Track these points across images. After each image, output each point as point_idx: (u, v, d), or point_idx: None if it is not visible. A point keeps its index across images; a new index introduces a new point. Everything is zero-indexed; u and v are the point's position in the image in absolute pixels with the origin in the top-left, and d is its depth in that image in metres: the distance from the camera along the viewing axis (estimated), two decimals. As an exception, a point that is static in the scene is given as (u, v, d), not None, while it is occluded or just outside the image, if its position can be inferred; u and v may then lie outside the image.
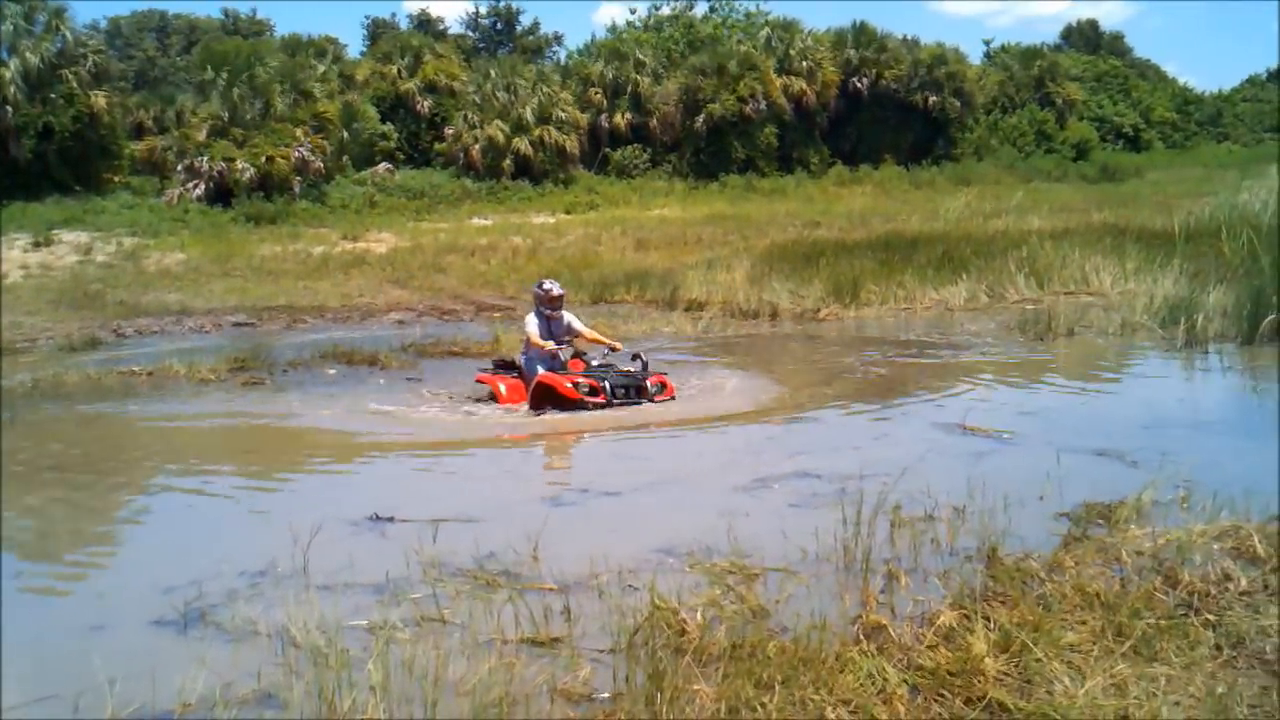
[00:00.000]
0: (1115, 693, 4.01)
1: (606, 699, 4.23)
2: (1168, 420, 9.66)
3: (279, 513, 7.61)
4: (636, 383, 11.08)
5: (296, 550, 5.91)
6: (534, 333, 11.34)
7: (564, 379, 11.04)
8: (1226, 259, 16.62)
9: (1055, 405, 10.75)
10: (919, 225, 29.61)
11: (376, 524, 6.92)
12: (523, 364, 11.62)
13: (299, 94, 43.02)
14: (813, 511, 6.85)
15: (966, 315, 17.08)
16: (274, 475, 9.01)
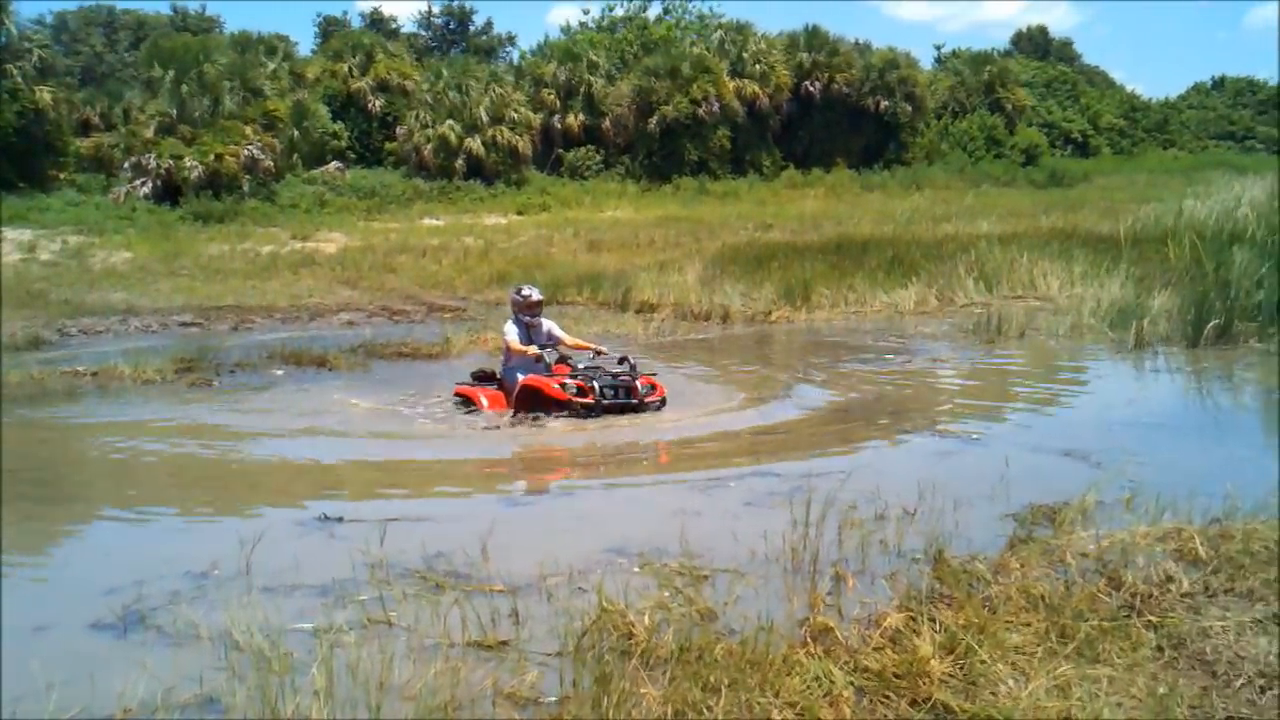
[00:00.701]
0: (1058, 694, 4.03)
1: (553, 702, 4.20)
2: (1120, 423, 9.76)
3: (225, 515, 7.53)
4: (626, 383, 10.55)
5: (241, 553, 5.83)
6: (514, 339, 10.87)
7: (550, 380, 10.59)
8: (1172, 264, 16.83)
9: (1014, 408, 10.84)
10: (870, 229, 29.78)
11: (325, 525, 6.84)
12: (503, 374, 11.16)
13: (248, 92, 42.74)
14: (766, 513, 6.85)
15: (916, 318, 17.19)
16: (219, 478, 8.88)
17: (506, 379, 11.03)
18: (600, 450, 9.29)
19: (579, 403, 10.31)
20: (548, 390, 10.46)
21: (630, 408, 10.37)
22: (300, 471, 8.93)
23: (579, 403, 10.31)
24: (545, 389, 10.49)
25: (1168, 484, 7.06)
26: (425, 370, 13.93)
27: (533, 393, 10.55)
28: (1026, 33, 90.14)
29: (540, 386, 10.54)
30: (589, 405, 10.30)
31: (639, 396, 10.46)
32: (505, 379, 11.07)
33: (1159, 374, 12.55)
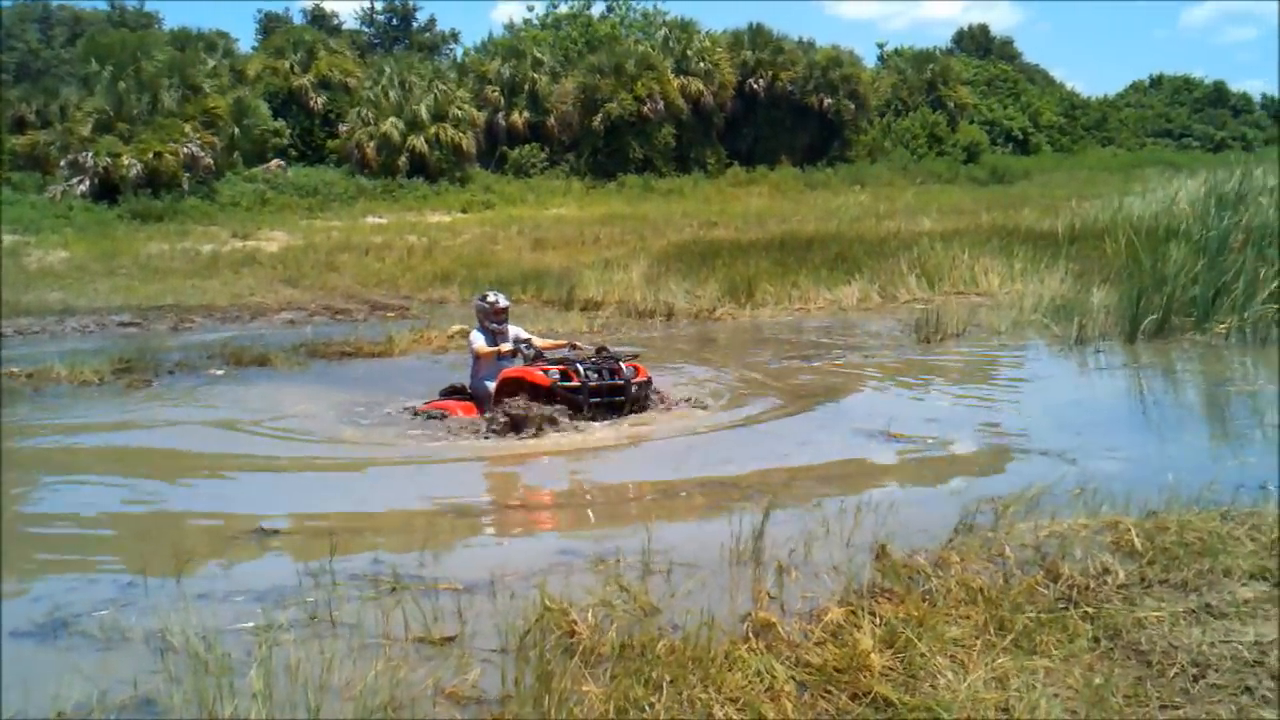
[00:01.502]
0: (996, 685, 4.06)
1: (495, 701, 4.18)
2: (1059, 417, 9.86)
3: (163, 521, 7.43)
4: (610, 366, 10.11)
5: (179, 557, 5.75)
6: (482, 345, 10.49)
7: (533, 368, 10.04)
8: (1110, 260, 17.05)
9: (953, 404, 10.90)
10: (814, 226, 29.93)
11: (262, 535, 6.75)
12: (473, 386, 10.68)
13: (188, 89, 42.26)
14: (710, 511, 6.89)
15: (859, 315, 17.30)
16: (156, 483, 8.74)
17: (478, 390, 10.57)
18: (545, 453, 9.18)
19: (564, 388, 9.83)
20: (531, 378, 9.94)
21: (617, 390, 9.99)
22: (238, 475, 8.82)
23: (564, 388, 9.83)
24: (528, 377, 9.97)
25: (1106, 477, 7.17)
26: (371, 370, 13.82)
27: (514, 383, 10.02)
28: (968, 31, 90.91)
29: (522, 375, 10.02)
30: (575, 389, 9.82)
31: (624, 378, 10.08)
32: (476, 391, 10.60)
33: (1096, 369, 12.71)
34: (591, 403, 9.83)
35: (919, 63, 68.88)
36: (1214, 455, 8.40)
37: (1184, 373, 12.26)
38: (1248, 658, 4.26)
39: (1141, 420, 9.91)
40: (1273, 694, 4.00)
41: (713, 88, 54.69)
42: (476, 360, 10.59)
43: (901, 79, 66.94)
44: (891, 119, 63.83)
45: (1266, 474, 7.26)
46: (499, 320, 10.68)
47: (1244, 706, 3.93)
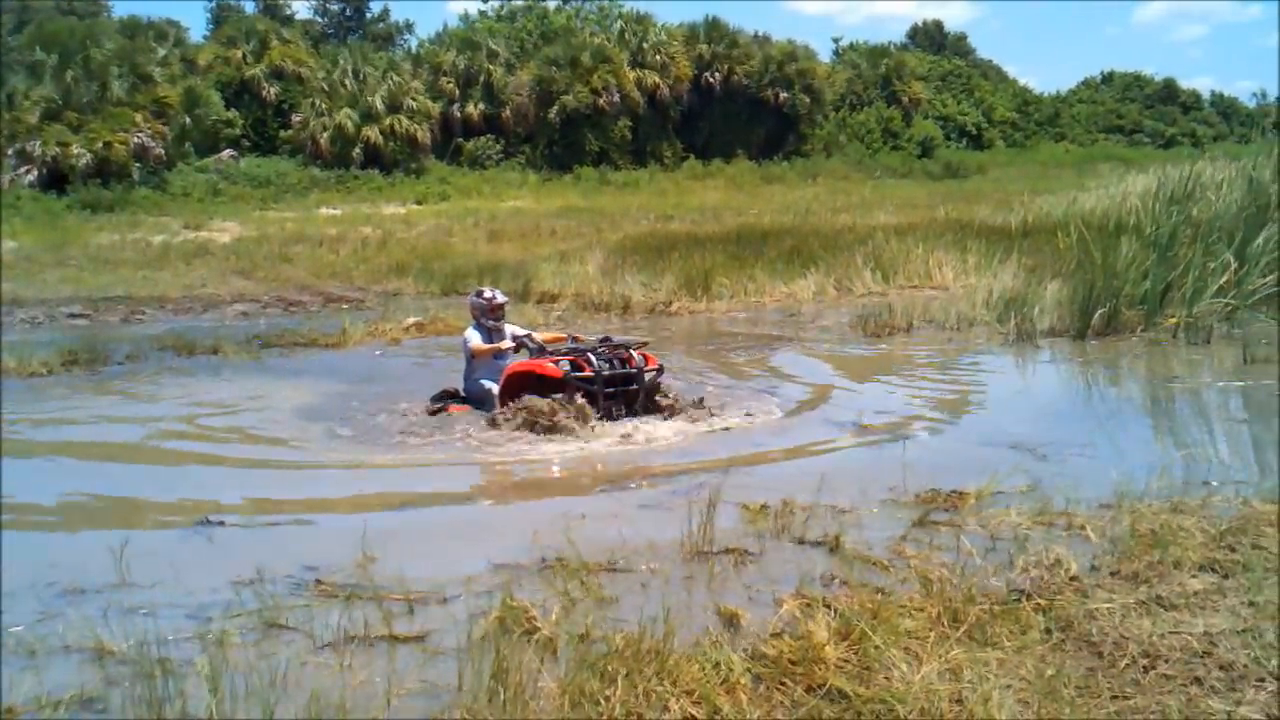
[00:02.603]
0: (950, 677, 4.09)
1: (450, 696, 4.16)
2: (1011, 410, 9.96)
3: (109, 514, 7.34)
4: (621, 355, 9.79)
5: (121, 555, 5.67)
6: (479, 342, 10.07)
7: (543, 360, 9.71)
8: (1061, 255, 17.21)
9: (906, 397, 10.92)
10: (770, 219, 29.99)
11: (207, 528, 6.68)
12: (468, 387, 10.29)
13: (138, 78, 41.76)
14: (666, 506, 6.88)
15: (814, 308, 17.35)
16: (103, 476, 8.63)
17: (474, 391, 10.19)
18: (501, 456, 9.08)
19: (578, 378, 9.50)
20: (541, 370, 9.60)
21: (629, 379, 9.70)
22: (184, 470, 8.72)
23: (578, 378, 9.50)
24: (539, 369, 9.62)
25: (1057, 470, 7.25)
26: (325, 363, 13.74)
27: (523, 378, 9.66)
28: (922, 27, 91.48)
29: (532, 368, 9.67)
30: (588, 379, 9.51)
31: (636, 366, 9.76)
32: (472, 392, 10.21)
33: (1047, 362, 12.82)
34: (606, 393, 9.54)
35: (874, 58, 69.30)
36: (1163, 449, 8.50)
37: (1132, 367, 12.38)
38: (1197, 648, 4.32)
39: (1091, 414, 9.99)
40: (1221, 684, 4.05)
41: (669, 81, 54.70)
42: (471, 360, 10.19)
43: (857, 74, 67.28)
44: (847, 114, 64.14)
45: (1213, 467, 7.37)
46: (496, 317, 10.26)
47: (1193, 697, 3.97)
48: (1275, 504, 6.05)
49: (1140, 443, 8.74)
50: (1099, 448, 8.42)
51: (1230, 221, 15.99)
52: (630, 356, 9.80)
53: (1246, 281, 14.19)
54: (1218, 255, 14.67)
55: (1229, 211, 16.62)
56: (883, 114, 63.96)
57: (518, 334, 10.29)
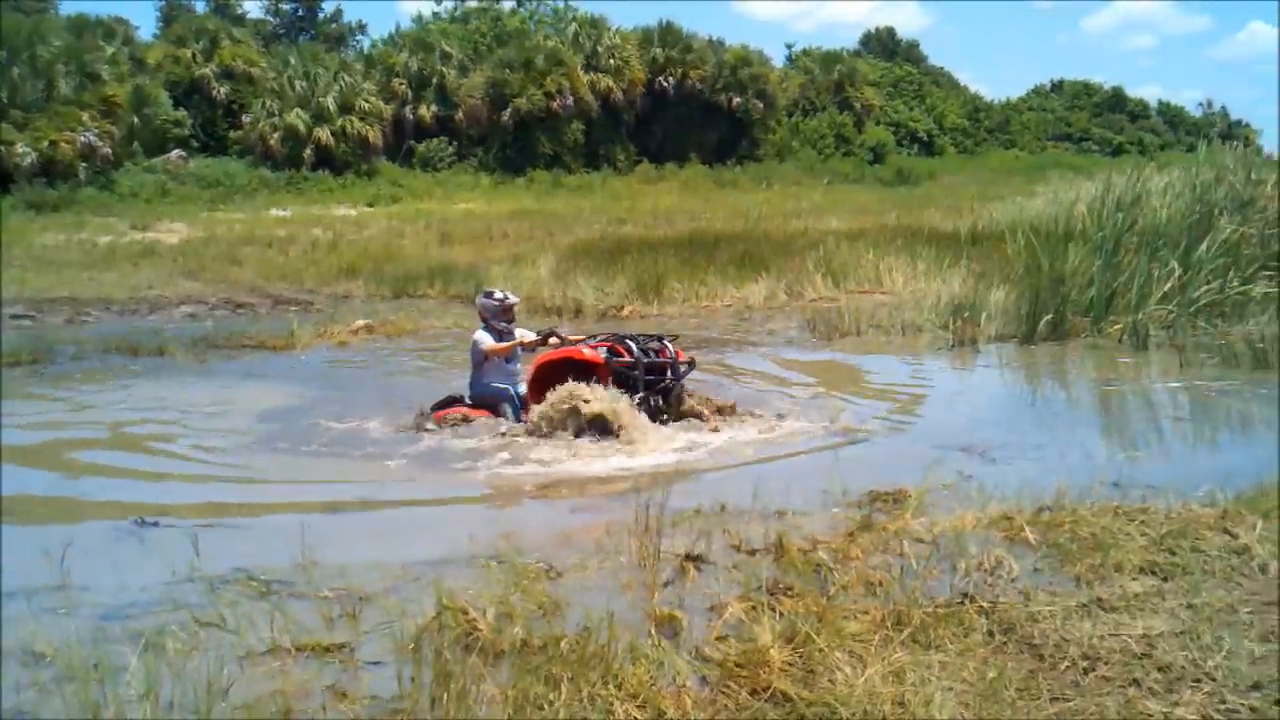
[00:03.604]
0: (893, 680, 4.10)
1: (391, 701, 4.12)
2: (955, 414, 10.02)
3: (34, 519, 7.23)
4: (654, 346, 9.43)
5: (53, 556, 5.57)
6: (491, 342, 9.54)
7: (579, 346, 9.30)
8: (1010, 260, 17.37)
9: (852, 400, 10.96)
10: (722, 224, 30.05)
11: (141, 528, 6.60)
12: (475, 392, 9.76)
13: (85, 76, 41.29)
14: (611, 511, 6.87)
15: (765, 313, 17.39)
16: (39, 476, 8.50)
17: (484, 395, 9.70)
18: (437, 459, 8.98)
19: (620, 364, 9.12)
20: (580, 356, 9.17)
21: (667, 368, 9.36)
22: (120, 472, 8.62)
23: (620, 364, 9.12)
24: (577, 355, 9.18)
25: (1000, 472, 7.31)
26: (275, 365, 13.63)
27: (557, 367, 9.20)
28: (875, 34, 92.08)
29: (569, 355, 9.22)
30: (629, 364, 9.13)
31: (669, 356, 9.43)
32: (482, 396, 9.71)
33: (993, 367, 12.94)
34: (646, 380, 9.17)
35: (827, 64, 69.72)
36: (1105, 452, 8.59)
37: (1076, 372, 12.52)
38: (1136, 650, 4.36)
39: (1035, 417, 10.09)
40: (1159, 686, 4.09)
41: (622, 85, 54.76)
42: (481, 364, 9.68)
43: (809, 80, 67.66)
44: (799, 119, 64.48)
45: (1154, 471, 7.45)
46: (508, 319, 9.74)
47: (1131, 698, 4.01)
48: (1214, 507, 6.13)
49: (1082, 446, 8.81)
50: (1042, 450, 8.51)
51: (1175, 229, 16.22)
52: (664, 348, 9.51)
53: (1191, 288, 14.39)
54: (1163, 262, 14.88)
55: (1174, 219, 16.86)
56: (835, 120, 64.35)
57: (530, 338, 9.84)
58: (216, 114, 49.10)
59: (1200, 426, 9.78)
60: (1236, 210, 16.79)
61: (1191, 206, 17.18)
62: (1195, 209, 16.95)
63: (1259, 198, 17.36)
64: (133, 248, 27.38)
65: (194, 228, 32.55)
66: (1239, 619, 4.67)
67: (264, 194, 42.90)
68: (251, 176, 44.82)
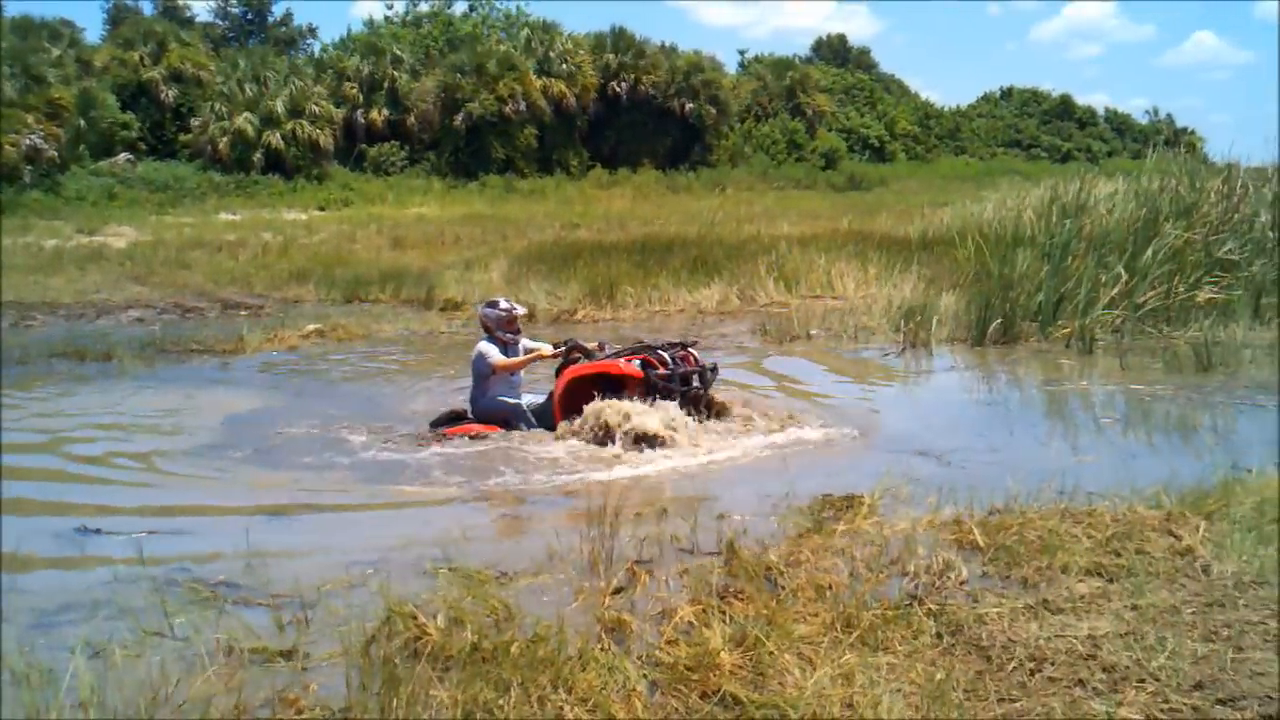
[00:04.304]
0: (842, 682, 4.13)
1: (340, 708, 4.09)
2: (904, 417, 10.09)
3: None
4: (682, 354, 9.21)
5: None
6: (499, 357, 9.30)
7: (612, 362, 9.02)
8: (960, 266, 17.53)
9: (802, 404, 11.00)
10: (675, 229, 30.08)
11: (84, 535, 6.52)
12: (481, 406, 9.47)
13: (30, 78, 40.79)
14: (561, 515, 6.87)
15: (717, 318, 17.44)
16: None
17: (490, 410, 9.43)
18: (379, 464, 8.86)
19: (659, 377, 8.88)
20: (615, 371, 8.93)
21: (697, 377, 9.18)
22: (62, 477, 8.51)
23: (659, 377, 8.88)
24: (613, 370, 8.94)
25: (949, 475, 7.36)
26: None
27: (588, 381, 8.99)
28: (827, 40, 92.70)
29: (604, 369, 8.99)
30: (667, 376, 8.92)
31: (700, 364, 9.30)
32: (488, 409, 9.43)
33: (942, 371, 13.04)
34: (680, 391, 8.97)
35: (779, 70, 70.06)
36: (1053, 455, 8.68)
37: (1025, 375, 12.64)
38: (1081, 651, 4.41)
39: (985, 421, 10.16)
40: (1104, 685, 4.14)
41: (575, 89, 54.73)
42: (486, 378, 9.41)
43: (762, 85, 67.90)
44: (752, 125, 64.70)
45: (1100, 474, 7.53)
46: (513, 330, 9.52)
47: (1076, 698, 4.05)
48: (1158, 510, 6.21)
49: (1030, 449, 8.90)
50: (991, 454, 8.58)
51: (1121, 235, 16.44)
52: (690, 355, 9.35)
53: (1136, 293, 14.58)
54: (1110, 268, 15.07)
55: (1120, 225, 17.09)
56: (787, 126, 64.65)
57: (529, 346, 9.63)
58: (165, 117, 48.57)
59: (1144, 430, 9.90)
60: (1181, 217, 17.03)
61: (1137, 213, 17.41)
62: (1141, 215, 17.18)
63: (1203, 204, 17.62)
64: (79, 251, 27.05)
65: (142, 231, 32.21)
66: (1182, 619, 4.73)
67: (213, 198, 42.50)
68: (200, 180, 44.39)
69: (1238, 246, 16.31)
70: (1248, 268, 15.67)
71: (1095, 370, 12.53)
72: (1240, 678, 4.17)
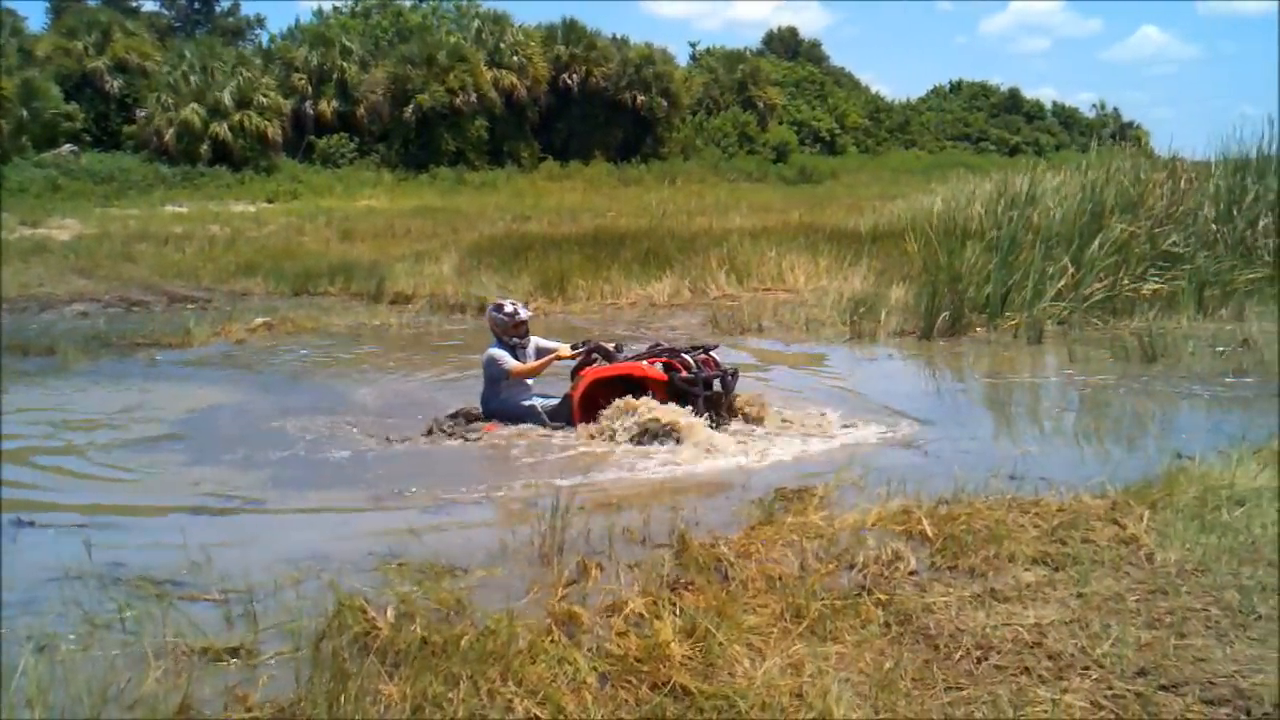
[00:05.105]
0: (791, 672, 4.15)
1: (288, 703, 4.06)
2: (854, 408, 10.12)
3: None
4: (700, 356, 9.07)
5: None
6: (512, 362, 9.21)
7: (636, 364, 8.93)
8: (910, 258, 17.65)
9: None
10: (627, 221, 30.07)
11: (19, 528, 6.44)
12: (493, 408, 9.37)
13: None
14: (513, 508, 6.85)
15: (669, 310, 17.44)
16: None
17: (505, 411, 9.32)
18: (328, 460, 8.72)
19: (684, 380, 8.78)
20: (639, 373, 8.85)
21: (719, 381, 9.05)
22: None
23: (684, 380, 8.78)
24: (637, 372, 8.85)
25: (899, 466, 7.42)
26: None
27: (610, 383, 8.89)
28: (777, 33, 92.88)
29: (629, 371, 8.90)
30: (690, 380, 8.81)
31: (722, 368, 9.17)
32: (501, 411, 9.33)
33: (892, 362, 13.12)
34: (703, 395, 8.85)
35: (730, 63, 70.23)
36: (1002, 445, 8.76)
37: (974, 366, 12.74)
38: (1027, 639, 4.45)
39: (934, 412, 10.21)
40: (1049, 673, 4.18)
41: (526, 81, 54.57)
42: (498, 380, 9.32)
43: (713, 78, 68.05)
44: (703, 117, 64.82)
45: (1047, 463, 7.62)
46: (520, 334, 9.42)
47: (1023, 686, 4.09)
48: (1103, 499, 6.29)
49: (979, 439, 8.98)
50: (939, 444, 8.64)
51: (1068, 228, 16.62)
52: (712, 360, 9.23)
53: (1083, 285, 14.74)
54: (1057, 260, 15.23)
55: (1067, 218, 17.27)
56: (739, 119, 64.82)
57: (543, 346, 9.52)
58: (109, 108, 47.98)
59: (1090, 420, 10.00)
60: (1126, 210, 17.24)
61: (1084, 206, 17.60)
62: (1087, 208, 17.37)
63: (1148, 198, 17.84)
64: (22, 244, 26.65)
65: (87, 224, 31.78)
66: (1126, 607, 4.79)
67: (160, 190, 42.03)
68: (147, 172, 43.88)
69: (1182, 239, 16.56)
70: (1191, 260, 15.88)
71: (1042, 361, 12.66)
72: (1183, 664, 4.23)
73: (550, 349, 9.44)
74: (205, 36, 59.99)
